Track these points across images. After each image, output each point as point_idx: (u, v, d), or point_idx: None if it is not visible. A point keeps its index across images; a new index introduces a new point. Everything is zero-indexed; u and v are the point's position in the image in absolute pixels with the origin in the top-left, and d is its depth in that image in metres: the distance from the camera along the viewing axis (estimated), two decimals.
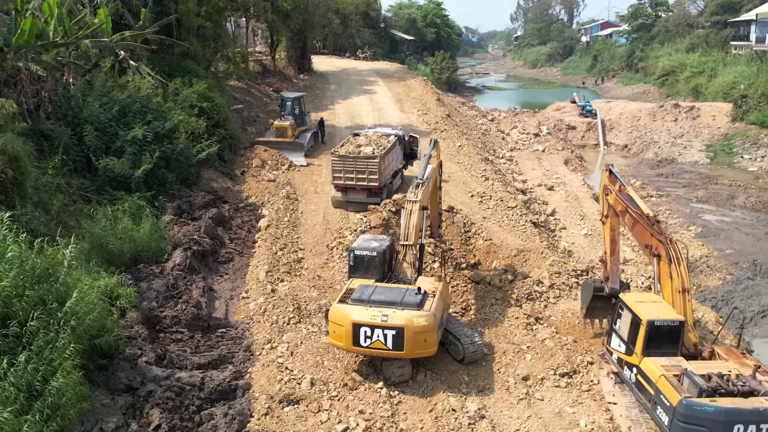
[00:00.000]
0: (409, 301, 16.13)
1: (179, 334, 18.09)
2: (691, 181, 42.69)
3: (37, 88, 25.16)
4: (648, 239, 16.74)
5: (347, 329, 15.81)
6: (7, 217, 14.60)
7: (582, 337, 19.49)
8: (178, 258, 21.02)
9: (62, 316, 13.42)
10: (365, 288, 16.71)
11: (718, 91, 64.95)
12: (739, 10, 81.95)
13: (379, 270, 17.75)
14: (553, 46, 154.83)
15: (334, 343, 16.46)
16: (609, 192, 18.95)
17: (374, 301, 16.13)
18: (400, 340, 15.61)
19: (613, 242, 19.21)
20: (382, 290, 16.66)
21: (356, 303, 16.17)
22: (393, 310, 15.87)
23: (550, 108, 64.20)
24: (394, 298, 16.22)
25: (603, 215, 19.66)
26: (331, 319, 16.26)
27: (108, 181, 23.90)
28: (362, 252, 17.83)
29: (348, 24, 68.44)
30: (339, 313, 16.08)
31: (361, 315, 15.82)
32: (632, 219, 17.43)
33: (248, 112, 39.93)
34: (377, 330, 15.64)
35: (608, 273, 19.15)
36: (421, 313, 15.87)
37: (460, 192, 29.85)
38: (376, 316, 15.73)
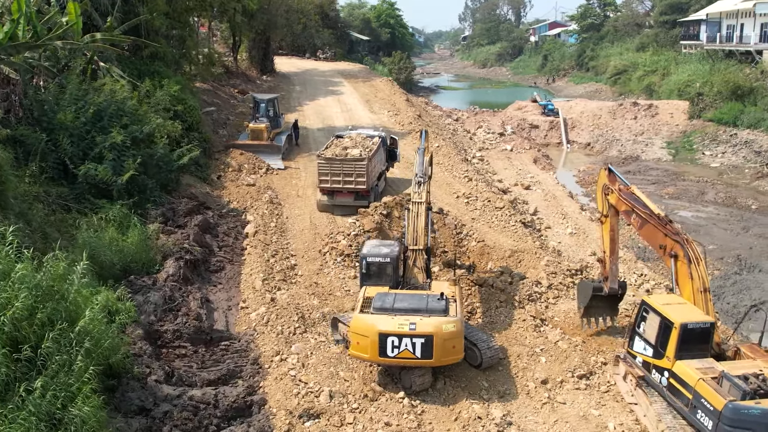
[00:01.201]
0: (435, 307, 15.69)
1: (182, 349, 17.23)
2: (659, 178, 43.39)
3: (7, 92, 23.80)
4: (661, 240, 16.56)
5: (373, 340, 15.17)
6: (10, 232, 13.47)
7: (588, 338, 19.35)
8: (171, 268, 20.07)
9: (75, 337, 12.49)
10: (385, 296, 16.14)
11: (673, 89, 66.54)
12: (687, 10, 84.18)
13: (392, 276, 17.23)
14: (503, 45, 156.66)
15: (358, 355, 15.79)
16: (609, 191, 18.77)
17: (399, 309, 15.58)
18: (429, 347, 15.11)
19: (613, 242, 19.09)
20: (403, 297, 16.13)
21: (380, 312, 15.56)
22: (420, 317, 15.36)
23: (512, 107, 64.64)
24: (418, 305, 15.72)
25: (602, 215, 19.45)
26: (354, 330, 15.58)
27: (88, 189, 22.72)
28: (375, 259, 17.25)
29: (307, 24, 67.49)
30: (363, 324, 15.43)
31: (388, 324, 15.21)
32: (640, 219, 17.24)
33: (218, 114, 38.82)
34: (405, 339, 15.09)
35: (607, 272, 19.03)
36: (449, 319, 15.46)
37: (444, 193, 29.53)
38: (404, 324, 15.17)
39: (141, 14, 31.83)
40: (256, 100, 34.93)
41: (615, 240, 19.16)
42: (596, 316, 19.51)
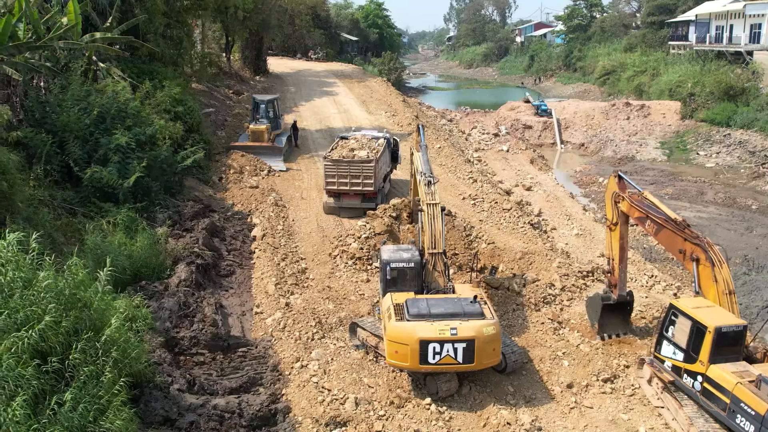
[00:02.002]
0: (471, 310, 15.45)
1: (200, 356, 16.83)
2: (657, 179, 43.43)
3: (8, 93, 23.28)
4: (680, 244, 16.35)
5: (413, 348, 14.81)
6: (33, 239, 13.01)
7: (608, 341, 19.17)
8: (183, 273, 19.64)
9: (101, 347, 12.07)
10: (417, 302, 15.80)
11: (663, 89, 66.78)
12: (675, 11, 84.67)
13: (416, 281, 16.89)
14: (489, 46, 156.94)
15: (398, 364, 15.42)
16: (620, 198, 18.56)
17: (436, 314, 15.25)
18: (470, 352, 14.88)
19: (622, 250, 18.84)
20: (436, 303, 15.81)
21: (417, 319, 15.19)
22: (459, 322, 15.08)
23: (505, 108, 64.56)
24: (455, 310, 15.45)
25: (611, 222, 19.20)
26: (392, 338, 15.18)
27: (93, 192, 22.23)
28: (399, 264, 16.86)
29: (299, 24, 67.02)
30: (402, 332, 15.02)
31: (428, 331, 14.86)
32: (656, 225, 17.06)
33: (215, 115, 38.30)
34: (447, 344, 14.80)
35: (616, 280, 18.82)
36: (488, 322, 15.26)
37: (450, 195, 29.30)
38: (444, 330, 14.85)
39: (139, 14, 31.29)
40: (256, 101, 34.49)
41: (624, 248, 18.95)
42: (612, 331, 19.17)
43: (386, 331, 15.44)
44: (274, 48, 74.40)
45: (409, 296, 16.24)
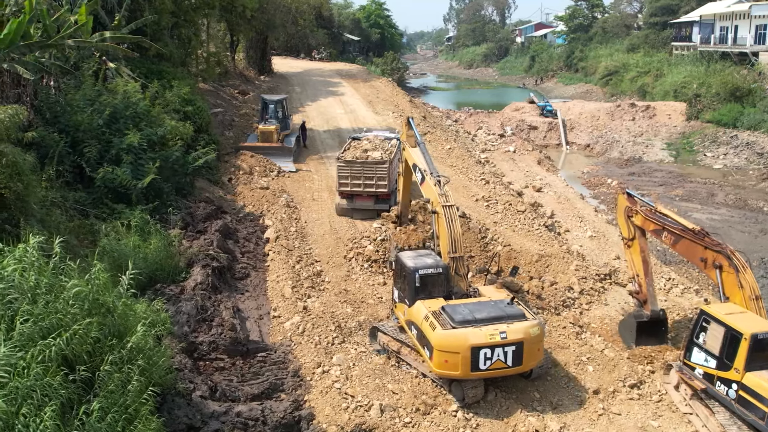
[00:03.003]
0: (513, 313, 15.40)
1: (220, 362, 16.51)
2: (666, 180, 43.22)
3: (19, 92, 22.89)
4: (701, 253, 16.16)
5: (465, 355, 14.51)
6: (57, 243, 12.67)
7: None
8: (199, 276, 19.30)
9: (127, 354, 11.74)
10: (456, 308, 15.48)
11: (668, 90, 66.62)
12: (677, 11, 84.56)
13: (444, 286, 16.57)
14: (488, 46, 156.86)
15: (447, 373, 15.02)
16: (633, 213, 18.44)
17: (481, 320, 15.02)
18: (519, 354, 14.81)
19: (645, 263, 18.64)
20: (476, 307, 15.57)
21: (464, 325, 14.87)
22: (505, 325, 14.93)
23: (509, 108, 64.30)
24: (497, 313, 15.30)
25: (627, 240, 19.05)
26: (440, 347, 14.73)
27: (106, 193, 21.87)
28: (428, 270, 16.39)
29: (302, 24, 66.73)
30: (452, 340, 14.66)
31: (479, 337, 14.60)
32: (673, 236, 16.91)
33: (223, 115, 37.97)
34: (497, 349, 14.63)
35: (645, 296, 18.57)
36: (533, 323, 15.26)
37: (463, 196, 29.02)
38: (494, 334, 14.66)
39: (147, 13, 30.96)
40: (265, 101, 34.17)
41: (647, 261, 18.74)
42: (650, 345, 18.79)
43: (432, 341, 14.89)
44: (277, 48, 74.07)
45: (440, 303, 15.91)
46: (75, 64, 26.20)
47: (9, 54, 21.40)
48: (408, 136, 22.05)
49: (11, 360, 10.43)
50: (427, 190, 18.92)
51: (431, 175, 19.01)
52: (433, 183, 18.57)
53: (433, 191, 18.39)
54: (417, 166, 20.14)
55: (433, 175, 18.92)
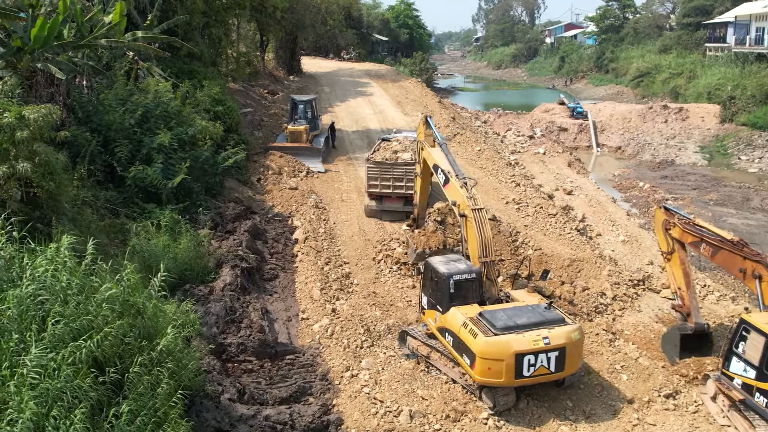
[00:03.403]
0: (553, 317, 15.22)
1: (248, 364, 16.42)
2: (699, 183, 42.39)
3: (52, 92, 23.05)
4: (740, 263, 15.84)
5: (508, 362, 14.28)
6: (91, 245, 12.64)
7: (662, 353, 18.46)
8: (228, 277, 19.25)
9: (156, 357, 11.67)
10: (494, 314, 15.20)
11: (701, 92, 65.49)
12: (711, 12, 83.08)
13: (478, 292, 16.28)
14: (517, 47, 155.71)
15: (491, 381, 14.72)
16: (671, 225, 18.14)
17: (522, 325, 14.77)
18: (562, 359, 14.68)
19: (686, 275, 18.28)
20: (513, 313, 15.33)
21: (506, 332, 14.61)
22: (547, 330, 14.72)
23: (538, 109, 63.66)
24: (538, 318, 15.08)
25: (667, 253, 18.74)
26: (484, 355, 14.44)
27: (136, 193, 21.94)
28: (462, 276, 16.05)
29: (331, 24, 66.77)
30: (497, 347, 14.38)
31: (522, 343, 14.38)
32: (712, 247, 16.59)
33: (252, 115, 38.05)
34: (541, 355, 14.43)
35: (688, 308, 18.16)
36: (573, 327, 15.16)
37: (492, 199, 28.67)
38: (538, 340, 14.44)
39: (178, 13, 31.09)
40: (295, 101, 34.15)
41: (688, 273, 18.36)
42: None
43: (474, 348, 14.58)
44: (306, 48, 74.23)
45: (475, 309, 15.64)
46: (107, 64, 26.37)
47: (43, 54, 21.58)
48: (426, 136, 21.58)
49: (42, 361, 10.43)
50: (453, 192, 18.51)
51: (456, 176, 18.61)
52: (459, 185, 18.19)
53: (459, 193, 18.02)
54: (439, 167, 19.67)
55: (459, 177, 18.53)
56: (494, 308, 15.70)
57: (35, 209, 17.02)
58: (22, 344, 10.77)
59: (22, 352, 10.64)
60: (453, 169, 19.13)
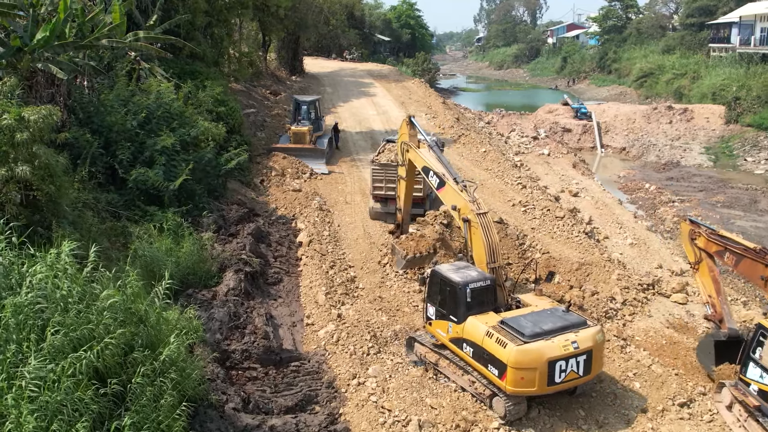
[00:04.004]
0: (576, 321, 15.01)
1: (252, 371, 16.03)
2: (705, 185, 42.03)
3: (52, 92, 22.69)
4: (761, 271, 15.55)
5: (541, 370, 13.93)
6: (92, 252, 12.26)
7: (674, 359, 18.11)
8: (232, 281, 18.88)
9: (159, 367, 11.30)
10: (518, 321, 14.79)
11: (706, 93, 65.09)
12: (715, 12, 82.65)
13: (493, 299, 15.87)
14: (519, 47, 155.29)
15: (524, 391, 14.28)
16: (696, 235, 17.90)
17: (549, 331, 14.42)
18: (589, 362, 14.49)
19: (716, 282, 17.96)
20: (535, 318, 14.95)
21: (535, 339, 14.21)
22: (574, 334, 14.47)
23: (542, 110, 63.34)
24: (561, 323, 14.76)
25: (694, 264, 18.46)
26: (518, 365, 13.97)
27: (138, 195, 21.58)
28: (477, 284, 15.54)
29: (334, 24, 66.36)
30: (529, 356, 13.96)
31: (553, 349, 14.04)
32: (735, 256, 16.35)
33: (255, 116, 37.68)
34: (571, 360, 14.16)
35: (720, 315, 17.81)
36: (597, 329, 14.98)
37: (498, 201, 28.29)
38: (567, 345, 14.15)
39: (180, 12, 30.72)
40: (298, 102, 33.77)
41: (717, 280, 18.04)
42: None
43: (506, 358, 14.08)
44: (308, 48, 73.83)
45: (493, 317, 15.22)
46: (109, 64, 26.02)
47: (43, 54, 21.23)
48: (410, 136, 20.78)
49: (41, 372, 10.08)
50: (451, 196, 17.90)
51: (454, 179, 17.99)
52: (459, 188, 17.62)
53: (460, 197, 17.45)
54: (430, 169, 18.88)
55: (458, 180, 17.92)
56: (514, 315, 15.25)
57: (35, 212, 16.68)
58: (20, 355, 10.43)
59: (20, 363, 10.30)
60: (448, 171, 18.50)
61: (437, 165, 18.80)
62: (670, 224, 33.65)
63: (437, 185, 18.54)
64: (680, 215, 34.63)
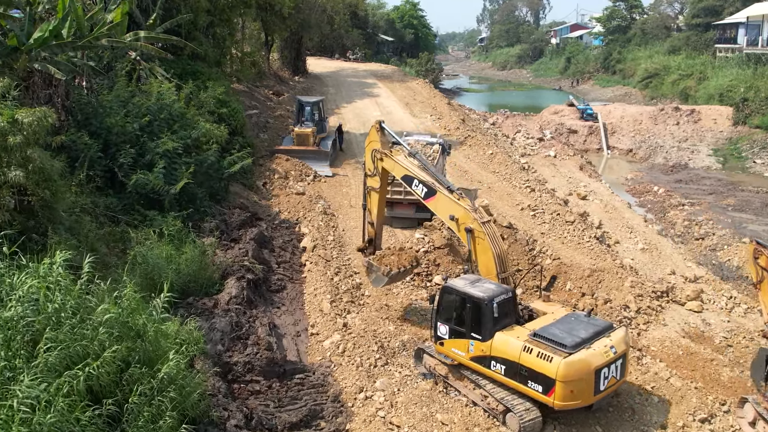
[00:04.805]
0: (604, 325, 14.87)
1: (255, 384, 15.40)
2: (715, 188, 41.32)
3: (50, 93, 22.07)
4: None
5: (589, 380, 13.57)
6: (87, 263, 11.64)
7: (692, 371, 17.48)
8: (234, 289, 18.24)
9: (157, 385, 10.69)
10: (551, 331, 14.19)
11: (713, 94, 64.37)
12: (721, 13, 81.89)
13: (514, 311, 15.19)
14: (522, 47, 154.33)
15: (573, 404, 13.73)
16: (759, 254, 17.29)
17: (587, 339, 14.01)
18: (624, 365, 14.56)
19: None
20: (567, 326, 14.43)
21: (578, 349, 13.71)
22: (608, 339, 14.24)
23: (547, 111, 62.67)
24: (594, 328, 14.42)
25: (757, 283, 17.83)
26: (567, 378, 13.36)
27: (137, 199, 20.95)
28: (501, 297, 14.69)
29: (337, 24, 65.75)
30: (577, 367, 13.47)
31: (598, 358, 13.73)
32: None
33: (257, 117, 37.06)
34: (612, 366, 14.00)
35: None
36: (624, 331, 15.16)
37: (507, 205, 27.66)
38: (608, 351, 13.91)
39: (182, 12, 30.10)
40: (302, 103, 33.12)
41: None
42: None
43: (554, 373, 13.42)
44: (311, 48, 73.24)
45: (519, 330, 14.58)
46: (108, 64, 25.40)
47: (40, 53, 20.63)
48: (382, 144, 18.61)
49: (34, 392, 9.48)
50: (446, 205, 16.53)
51: (448, 188, 16.66)
52: (455, 197, 16.40)
53: (458, 206, 16.23)
54: (414, 178, 17.17)
55: (452, 188, 16.69)
56: (542, 325, 14.58)
57: (30, 218, 16.08)
58: (11, 373, 9.83)
59: (10, 381, 9.70)
60: (437, 179, 17.14)
61: (421, 173, 17.24)
62: (681, 228, 33.01)
63: (424, 195, 17.01)
64: (690, 219, 34.08)
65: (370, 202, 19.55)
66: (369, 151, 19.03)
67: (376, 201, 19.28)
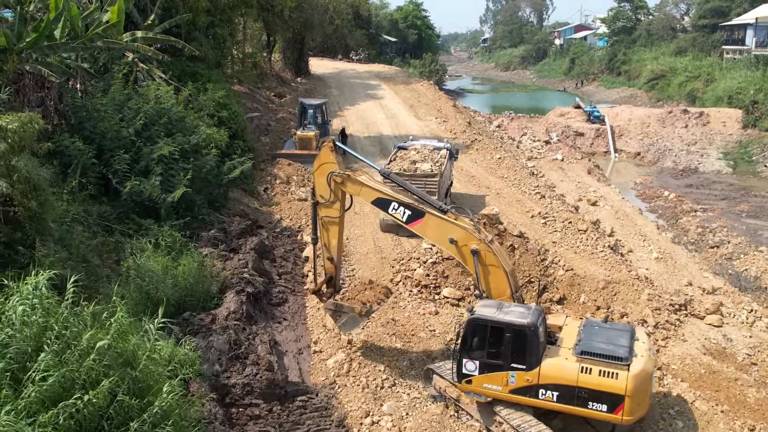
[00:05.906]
0: (629, 328, 14.65)
1: (255, 408, 14.46)
2: (727, 193, 40.38)
3: (42, 96, 21.18)
4: None
5: (647, 388, 13.49)
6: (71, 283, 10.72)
7: (716, 392, 16.54)
8: (233, 304, 17.31)
9: (150, 419, 9.77)
10: (596, 345, 13.51)
11: (721, 96, 63.42)
12: (728, 14, 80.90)
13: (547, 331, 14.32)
14: (526, 48, 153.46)
15: (639, 416, 13.49)
16: None
17: (630, 347, 13.59)
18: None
19: None
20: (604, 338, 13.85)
21: (631, 360, 13.21)
22: (641, 342, 14.03)
23: (553, 113, 61.76)
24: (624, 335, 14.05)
25: None
26: (635, 392, 12.92)
27: (132, 207, 20.04)
28: (540, 319, 13.74)
29: (340, 24, 64.85)
30: (643, 376, 13.18)
31: (649, 363, 13.53)
32: None
33: (259, 120, 36.14)
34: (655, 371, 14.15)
35: None
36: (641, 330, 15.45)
37: (516, 212, 26.72)
38: (651, 355, 13.96)
39: (181, 11, 29.19)
40: (304, 105, 32.19)
41: None
42: None
43: (622, 389, 12.88)
44: (313, 49, 72.36)
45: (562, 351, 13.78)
46: (104, 66, 24.49)
47: (32, 54, 19.75)
48: (338, 164, 15.97)
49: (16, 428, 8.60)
50: (436, 228, 14.91)
51: (439, 208, 15.09)
52: (451, 217, 14.90)
53: (456, 227, 14.70)
54: (392, 200, 15.19)
55: (444, 209, 15.11)
56: (581, 341, 13.74)
57: (16, 230, 15.17)
58: None
59: None
60: (425, 199, 15.43)
61: (397, 194, 15.40)
62: (694, 235, 32.08)
63: (407, 219, 15.05)
64: (704, 226, 33.16)
65: (326, 236, 16.62)
66: (321, 175, 16.04)
67: (336, 233, 16.49)
